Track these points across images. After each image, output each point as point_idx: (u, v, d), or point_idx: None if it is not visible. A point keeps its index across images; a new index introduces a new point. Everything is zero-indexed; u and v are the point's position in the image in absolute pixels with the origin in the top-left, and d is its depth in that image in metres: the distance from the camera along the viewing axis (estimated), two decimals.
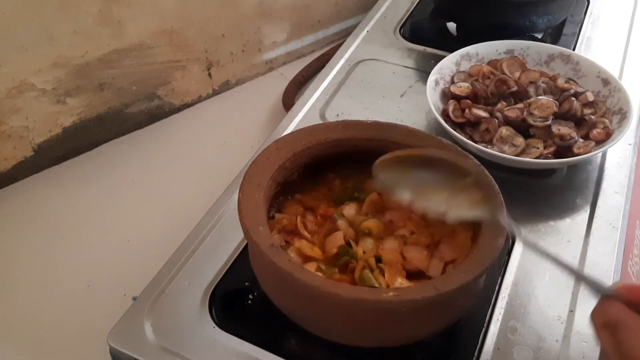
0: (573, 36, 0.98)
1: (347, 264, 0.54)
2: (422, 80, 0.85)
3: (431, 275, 0.54)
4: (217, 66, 1.02)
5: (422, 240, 0.56)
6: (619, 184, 0.72)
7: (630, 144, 0.77)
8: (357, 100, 0.84)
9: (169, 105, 1.00)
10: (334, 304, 0.49)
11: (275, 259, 0.48)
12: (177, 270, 0.62)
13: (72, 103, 0.88)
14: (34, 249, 0.79)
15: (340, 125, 0.62)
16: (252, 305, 0.59)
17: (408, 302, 0.47)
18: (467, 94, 0.78)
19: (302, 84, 1.05)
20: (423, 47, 0.95)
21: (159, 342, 0.55)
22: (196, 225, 0.66)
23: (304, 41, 1.12)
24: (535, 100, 0.75)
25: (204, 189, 0.75)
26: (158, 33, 0.92)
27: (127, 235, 0.80)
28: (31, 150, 0.87)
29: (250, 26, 1.03)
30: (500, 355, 0.55)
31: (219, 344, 0.55)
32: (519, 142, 0.72)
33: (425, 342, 0.54)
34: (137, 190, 0.88)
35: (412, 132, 0.62)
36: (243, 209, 0.52)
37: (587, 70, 0.80)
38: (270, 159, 0.58)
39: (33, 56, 0.81)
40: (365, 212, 0.59)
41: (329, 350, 0.55)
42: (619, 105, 0.75)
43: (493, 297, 0.60)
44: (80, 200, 0.86)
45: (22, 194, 0.87)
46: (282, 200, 0.61)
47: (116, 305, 0.61)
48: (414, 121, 0.80)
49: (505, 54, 0.84)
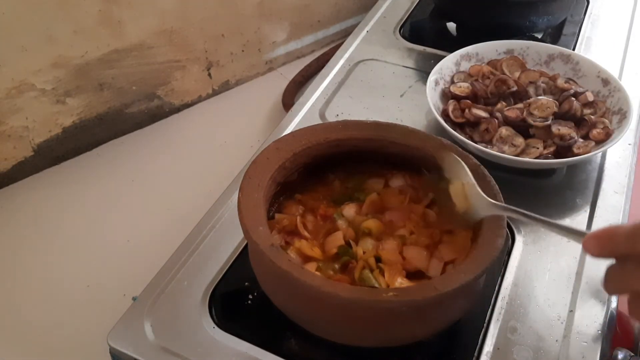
0: (573, 36, 0.98)
1: (347, 264, 0.54)
2: (422, 80, 0.85)
3: (431, 276, 0.54)
4: (217, 66, 1.02)
5: (422, 240, 0.56)
6: (619, 184, 0.72)
7: (630, 144, 0.77)
8: (357, 100, 0.84)
9: (169, 105, 1.00)
10: (334, 304, 0.49)
11: (275, 259, 0.48)
12: (176, 270, 0.62)
13: (72, 103, 0.88)
14: (34, 249, 0.79)
15: (340, 125, 0.62)
16: (252, 305, 0.59)
17: (408, 302, 0.47)
18: (467, 94, 0.78)
19: (302, 84, 1.05)
20: (423, 47, 0.95)
21: (159, 342, 0.55)
22: (196, 225, 0.66)
23: (303, 41, 1.12)
24: (535, 100, 0.75)
25: (204, 189, 0.75)
26: (158, 33, 0.92)
27: (127, 235, 0.80)
28: (31, 150, 0.87)
29: (250, 26, 1.03)
30: (500, 355, 0.55)
31: (219, 344, 0.55)
32: (519, 142, 0.72)
33: (425, 342, 0.54)
34: (137, 190, 0.88)
35: (412, 132, 0.62)
36: (243, 209, 0.52)
37: (587, 70, 0.80)
38: (270, 159, 0.58)
39: (33, 56, 0.81)
40: (365, 212, 0.59)
41: (329, 350, 0.55)
42: (619, 105, 0.75)
43: (493, 297, 0.60)
44: (80, 200, 0.86)
45: (22, 194, 0.87)
46: (282, 200, 0.61)
47: (116, 305, 0.61)
48: (413, 121, 0.80)
49: (505, 54, 0.84)
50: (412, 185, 0.62)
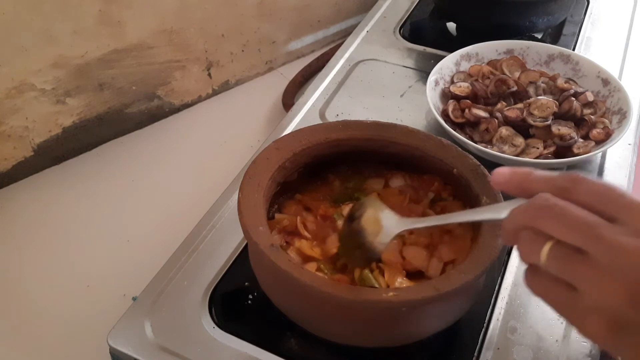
0: (573, 36, 0.98)
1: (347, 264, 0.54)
2: (422, 80, 0.85)
3: (431, 276, 0.54)
4: (217, 66, 1.02)
5: (422, 240, 0.56)
6: (619, 184, 0.72)
7: (630, 144, 0.77)
8: (357, 100, 0.84)
9: (169, 105, 1.00)
10: (334, 304, 0.49)
11: (275, 259, 0.48)
12: (176, 270, 0.62)
13: (72, 103, 0.88)
14: (34, 249, 0.79)
15: (340, 125, 0.62)
16: (252, 305, 0.59)
17: (408, 302, 0.47)
18: (467, 94, 0.78)
19: (302, 84, 1.05)
20: (423, 47, 0.95)
21: (159, 342, 0.55)
22: (196, 225, 0.66)
23: (303, 41, 1.12)
24: (535, 100, 0.75)
25: (204, 189, 0.75)
26: (158, 33, 0.92)
27: (127, 235, 0.80)
28: (31, 150, 0.87)
29: (250, 26, 1.03)
30: (500, 355, 0.55)
31: (219, 344, 0.55)
32: (519, 142, 0.72)
33: (425, 342, 0.54)
34: (137, 190, 0.88)
35: (412, 132, 0.62)
36: (243, 209, 0.52)
37: (587, 70, 0.80)
38: (270, 159, 0.58)
39: (33, 56, 0.81)
40: None
41: (329, 350, 0.55)
42: (619, 105, 0.75)
43: (493, 297, 0.60)
44: (80, 200, 0.86)
45: (22, 194, 0.87)
46: (282, 200, 0.61)
47: (116, 305, 0.61)
48: (413, 121, 0.80)
49: (505, 54, 0.84)
50: (412, 185, 0.62)
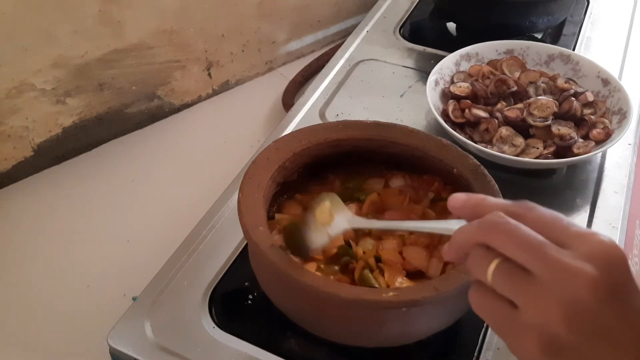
0: (573, 36, 0.98)
1: (347, 264, 0.54)
2: (422, 80, 0.85)
3: (431, 276, 0.54)
4: (217, 66, 1.02)
5: (422, 240, 0.56)
6: (619, 184, 0.72)
7: (630, 144, 0.77)
8: (357, 100, 0.84)
9: (169, 105, 1.00)
10: (334, 304, 0.49)
11: (275, 259, 0.49)
12: (176, 270, 0.62)
13: (71, 103, 0.88)
14: (34, 249, 0.79)
15: (340, 125, 0.62)
16: (252, 305, 0.59)
17: (408, 302, 0.47)
18: (467, 94, 0.78)
19: (302, 84, 1.05)
20: (423, 47, 0.95)
21: (159, 342, 0.55)
22: (196, 225, 0.66)
23: (303, 41, 1.12)
24: (535, 100, 0.75)
25: (204, 189, 0.75)
26: (158, 33, 0.92)
27: (127, 235, 0.80)
28: (31, 150, 0.87)
29: (250, 26, 1.03)
30: (500, 355, 0.55)
31: (219, 344, 0.55)
32: (519, 142, 0.72)
33: (425, 342, 0.54)
34: (137, 190, 0.88)
35: (412, 132, 0.62)
36: (243, 209, 0.52)
37: (587, 70, 0.80)
38: (270, 159, 0.58)
39: (33, 56, 0.81)
40: (365, 212, 0.59)
41: (329, 350, 0.55)
42: (619, 105, 0.75)
43: None
44: (80, 200, 0.86)
45: (22, 194, 0.87)
46: (282, 200, 0.61)
47: (116, 305, 0.61)
48: (413, 121, 0.80)
49: (505, 54, 0.84)
50: (412, 185, 0.62)
